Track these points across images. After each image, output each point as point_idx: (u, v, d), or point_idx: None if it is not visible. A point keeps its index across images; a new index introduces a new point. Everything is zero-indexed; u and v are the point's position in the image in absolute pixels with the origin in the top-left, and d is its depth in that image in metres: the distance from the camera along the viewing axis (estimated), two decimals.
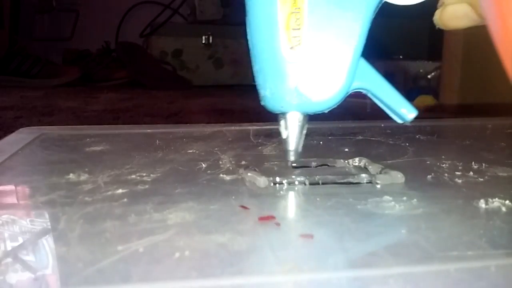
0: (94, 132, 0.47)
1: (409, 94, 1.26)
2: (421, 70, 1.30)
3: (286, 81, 0.28)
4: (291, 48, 0.28)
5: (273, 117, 0.31)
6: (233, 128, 0.48)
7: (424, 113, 1.09)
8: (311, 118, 0.31)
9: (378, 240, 0.23)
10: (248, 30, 0.29)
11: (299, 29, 0.28)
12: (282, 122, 0.30)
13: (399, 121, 0.30)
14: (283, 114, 0.30)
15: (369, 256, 0.21)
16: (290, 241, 0.23)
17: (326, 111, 0.30)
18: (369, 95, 0.30)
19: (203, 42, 1.77)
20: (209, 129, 0.48)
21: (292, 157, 0.30)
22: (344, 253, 0.21)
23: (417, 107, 0.29)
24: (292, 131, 0.30)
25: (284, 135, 0.30)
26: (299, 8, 0.28)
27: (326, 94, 0.28)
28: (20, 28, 1.77)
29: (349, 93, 0.29)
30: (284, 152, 0.30)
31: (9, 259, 0.20)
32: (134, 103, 1.25)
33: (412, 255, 0.21)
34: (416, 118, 0.29)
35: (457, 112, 1.07)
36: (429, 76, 1.29)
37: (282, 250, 0.22)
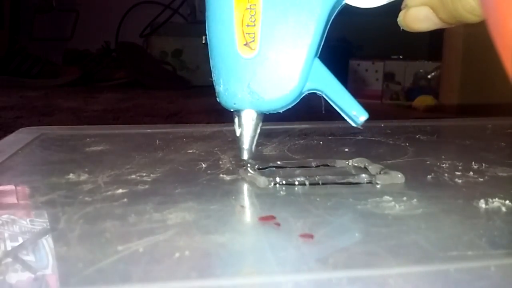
0: (94, 132, 0.47)
1: (409, 94, 1.26)
2: (421, 70, 1.30)
3: (239, 78, 0.29)
4: (245, 44, 0.28)
5: (273, 117, 0.31)
6: (233, 128, 0.48)
7: (424, 113, 1.09)
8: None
9: (378, 240, 0.23)
10: (206, 28, 0.30)
11: (253, 25, 0.28)
12: (236, 120, 0.30)
13: (352, 124, 0.30)
14: (238, 111, 0.30)
15: (369, 256, 0.21)
16: (290, 241, 0.23)
17: (280, 111, 0.30)
18: (324, 96, 0.30)
19: (203, 42, 1.77)
20: (209, 129, 0.48)
21: (245, 156, 0.31)
22: (344, 253, 0.21)
23: (417, 107, 0.29)
24: (245, 129, 0.30)
25: (237, 133, 0.30)
26: (254, 4, 0.28)
27: (279, 93, 0.29)
28: (20, 28, 1.77)
29: (304, 94, 0.30)
30: (238, 150, 0.31)
31: (9, 259, 0.20)
32: (134, 103, 1.25)
33: (412, 255, 0.21)
34: (416, 118, 0.29)
35: (457, 112, 1.07)
36: (429, 76, 1.29)
37: (282, 250, 0.22)
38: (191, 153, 0.38)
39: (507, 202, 0.27)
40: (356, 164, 0.34)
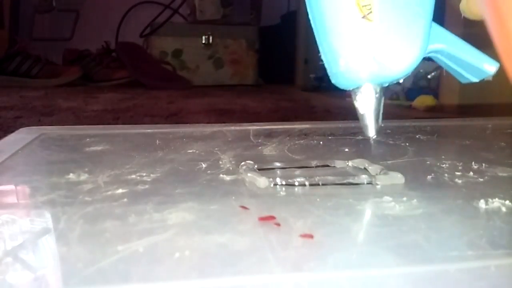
0: (94, 132, 0.47)
1: (409, 94, 1.26)
2: (421, 70, 1.30)
3: (361, 52, 0.28)
4: (363, 17, 0.27)
5: (273, 117, 0.31)
6: (233, 128, 0.48)
7: (424, 113, 1.09)
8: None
9: (378, 240, 0.23)
10: (311, 9, 0.29)
11: None
12: (358, 97, 0.29)
13: (472, 79, 0.29)
14: (358, 88, 0.29)
15: (369, 256, 0.21)
16: (290, 241, 0.23)
17: (401, 80, 0.29)
18: (439, 58, 0.29)
19: (203, 42, 1.78)
20: (209, 129, 0.48)
21: (372, 132, 0.29)
22: (344, 253, 0.21)
23: (417, 107, 0.29)
24: (369, 104, 0.29)
25: (361, 111, 0.29)
26: None
27: (405, 61, 0.28)
28: (20, 28, 1.77)
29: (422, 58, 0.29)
30: (363, 128, 0.29)
31: (9, 259, 0.20)
32: (134, 103, 1.25)
33: (412, 255, 0.21)
34: (416, 118, 0.29)
35: (457, 112, 1.07)
36: (429, 76, 1.29)
37: (282, 250, 0.22)
38: (191, 153, 0.38)
39: (507, 202, 0.27)
40: (356, 165, 0.34)
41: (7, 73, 1.61)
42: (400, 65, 0.28)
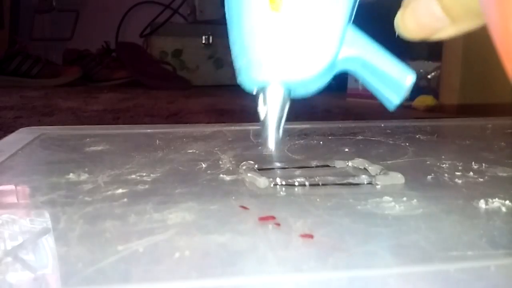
0: (94, 132, 0.47)
1: (409, 94, 1.26)
2: (421, 70, 1.30)
3: (264, 46, 0.25)
4: (270, 8, 0.25)
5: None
6: (233, 128, 0.48)
7: (424, 113, 1.09)
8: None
9: (378, 240, 0.23)
10: (225, 3, 0.27)
11: None
12: (260, 99, 0.26)
13: (393, 100, 0.26)
14: (262, 89, 0.26)
15: (369, 256, 0.21)
16: (290, 241, 0.23)
17: (310, 90, 0.27)
18: (358, 71, 0.26)
19: (203, 42, 1.77)
20: (209, 129, 0.48)
21: (271, 144, 0.26)
22: (344, 253, 0.21)
23: (417, 107, 0.29)
24: (272, 108, 0.26)
25: (262, 115, 0.26)
26: None
27: (311, 60, 0.25)
28: (20, 28, 1.77)
29: (337, 71, 0.26)
30: (262, 139, 0.27)
31: (9, 259, 0.20)
32: (134, 103, 1.25)
33: (412, 255, 0.21)
34: (416, 118, 0.29)
35: (457, 112, 1.07)
36: (429, 76, 1.29)
37: (282, 250, 0.22)
38: (191, 153, 0.38)
39: (507, 202, 0.27)
40: (356, 165, 0.34)
41: (7, 73, 1.61)
42: (306, 64, 0.25)
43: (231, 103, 1.27)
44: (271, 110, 0.26)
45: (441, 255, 0.21)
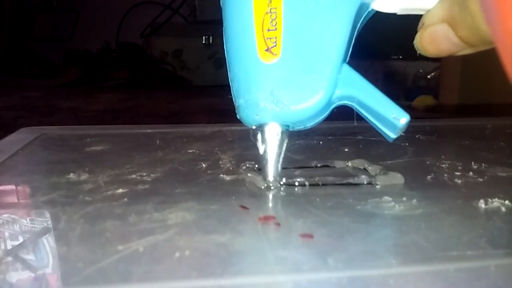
0: (94, 132, 0.47)
1: (409, 94, 1.26)
2: (421, 70, 1.30)
3: (261, 86, 0.26)
4: (266, 50, 0.26)
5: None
6: (233, 128, 0.48)
7: (424, 113, 1.09)
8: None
9: (378, 240, 0.23)
10: (224, 36, 0.28)
11: (275, 30, 0.26)
12: (259, 136, 0.27)
13: (390, 135, 0.27)
14: (261, 126, 0.27)
15: (369, 256, 0.21)
16: (290, 241, 0.23)
17: (308, 125, 0.27)
18: (355, 107, 0.27)
19: (203, 42, 1.77)
20: (209, 129, 0.48)
21: (270, 176, 0.28)
22: (344, 253, 0.21)
23: (417, 107, 0.29)
24: (270, 145, 0.27)
25: (261, 151, 0.28)
26: (275, 8, 0.26)
27: (305, 101, 0.26)
28: (20, 28, 1.77)
29: (334, 106, 0.27)
30: (262, 170, 0.28)
31: (9, 258, 0.20)
32: (134, 103, 1.25)
33: (412, 255, 0.21)
34: (416, 118, 0.29)
35: (457, 112, 1.07)
36: (429, 76, 1.29)
37: (282, 250, 0.22)
38: (191, 153, 0.38)
39: (506, 202, 0.27)
40: (355, 165, 0.34)
41: (7, 73, 1.61)
42: (300, 104, 0.26)
43: (231, 103, 1.27)
44: (270, 148, 0.27)
45: (441, 255, 0.21)
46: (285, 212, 0.26)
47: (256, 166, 0.33)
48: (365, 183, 0.30)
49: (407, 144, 0.41)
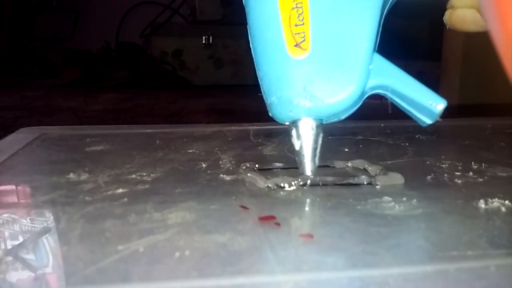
0: (94, 132, 0.47)
1: None
2: (421, 70, 1.30)
3: (293, 82, 0.26)
4: (295, 45, 0.26)
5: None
6: (233, 128, 0.48)
7: None
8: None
9: (378, 240, 0.23)
10: (249, 35, 0.27)
11: (302, 24, 0.26)
12: (293, 132, 0.27)
13: (426, 121, 0.27)
14: (294, 122, 0.27)
15: (369, 256, 0.21)
16: (290, 241, 0.23)
17: (342, 117, 0.27)
18: (388, 95, 0.27)
19: (203, 42, 1.77)
20: (209, 129, 0.48)
21: (308, 171, 0.27)
22: (344, 253, 0.21)
23: None
24: (305, 140, 0.27)
25: (297, 146, 0.27)
26: (301, 2, 0.26)
27: (339, 93, 0.26)
28: (20, 28, 1.77)
29: (367, 95, 0.27)
30: (299, 165, 0.27)
31: (9, 258, 0.20)
32: (134, 103, 1.25)
33: (412, 255, 0.21)
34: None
35: (457, 112, 1.07)
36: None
37: (282, 250, 0.22)
38: (191, 153, 0.38)
39: (506, 202, 0.27)
40: (355, 166, 0.34)
41: (7, 73, 1.61)
42: (334, 98, 0.26)
43: (231, 103, 1.27)
44: (306, 143, 0.27)
45: (441, 255, 0.21)
46: (285, 212, 0.26)
47: (256, 166, 0.33)
48: (365, 183, 0.30)
49: (407, 144, 0.41)
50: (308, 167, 0.27)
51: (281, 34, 0.26)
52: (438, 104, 0.26)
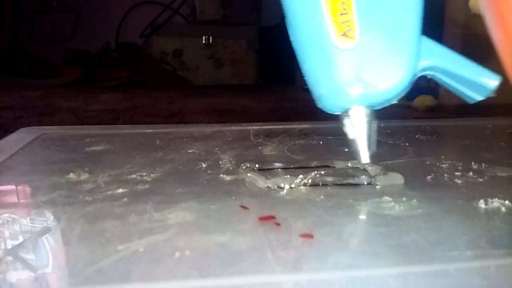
0: (94, 132, 0.47)
1: (409, 94, 1.26)
2: None
3: (344, 72, 0.25)
4: (343, 35, 0.25)
5: (273, 117, 0.31)
6: (233, 128, 0.48)
7: (424, 113, 1.09)
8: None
9: (378, 240, 0.23)
10: (290, 30, 0.27)
11: (347, 13, 0.25)
12: (346, 121, 0.27)
13: (476, 98, 0.27)
14: (346, 111, 0.27)
15: (369, 256, 0.21)
16: (290, 241, 0.23)
17: (393, 102, 0.27)
18: (437, 76, 0.27)
19: (203, 42, 1.77)
20: (209, 129, 0.48)
21: (366, 159, 0.27)
22: (344, 253, 0.21)
23: (417, 107, 0.29)
24: (360, 128, 0.27)
25: (351, 136, 0.27)
26: None
27: (392, 79, 0.26)
28: (20, 28, 1.77)
29: (417, 76, 0.27)
30: (356, 154, 0.27)
31: (9, 258, 0.20)
32: (134, 103, 1.25)
33: (412, 255, 0.21)
34: (416, 118, 0.29)
35: (457, 112, 1.07)
36: (429, 76, 1.29)
37: (282, 250, 0.22)
38: (191, 153, 0.38)
39: (506, 202, 0.27)
40: (355, 166, 0.34)
41: (7, 73, 1.61)
42: (387, 83, 0.26)
43: (231, 103, 1.27)
44: (359, 132, 0.27)
45: (441, 255, 0.21)
46: (285, 212, 0.26)
47: (256, 166, 0.33)
48: (365, 183, 0.30)
49: (407, 144, 0.41)
50: (365, 155, 0.27)
51: (326, 25, 0.25)
52: (492, 81, 0.26)
